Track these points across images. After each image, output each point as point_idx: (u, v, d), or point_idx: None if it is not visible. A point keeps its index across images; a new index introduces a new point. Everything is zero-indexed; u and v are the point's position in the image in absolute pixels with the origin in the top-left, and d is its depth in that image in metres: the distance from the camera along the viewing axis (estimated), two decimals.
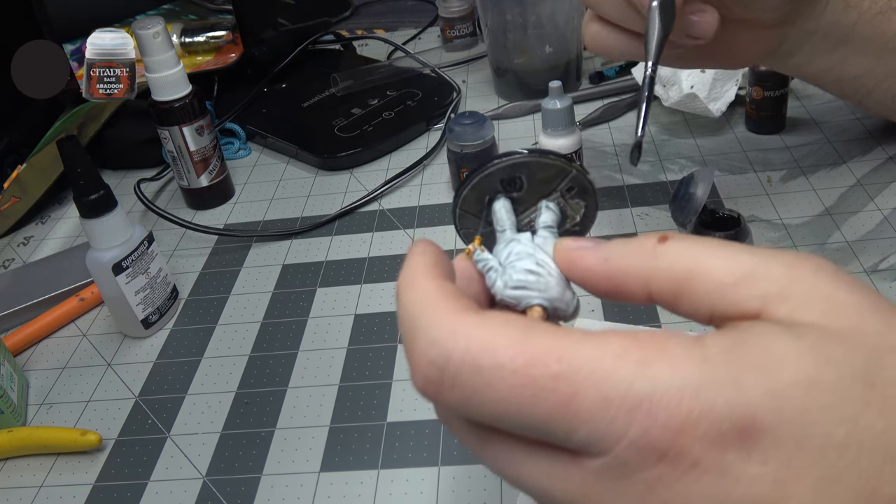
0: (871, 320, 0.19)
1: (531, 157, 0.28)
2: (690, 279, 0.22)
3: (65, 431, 0.52)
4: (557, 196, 0.29)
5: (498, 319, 0.21)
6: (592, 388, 0.19)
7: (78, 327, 0.64)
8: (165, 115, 0.70)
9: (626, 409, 0.19)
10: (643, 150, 0.39)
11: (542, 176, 0.29)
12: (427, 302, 0.22)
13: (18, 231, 0.79)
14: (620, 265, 0.23)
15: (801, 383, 0.18)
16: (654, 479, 0.19)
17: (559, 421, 0.20)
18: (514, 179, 0.29)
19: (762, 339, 0.19)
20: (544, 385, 0.20)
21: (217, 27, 0.96)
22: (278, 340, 0.58)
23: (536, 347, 0.20)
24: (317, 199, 0.75)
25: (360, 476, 0.47)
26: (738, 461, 0.18)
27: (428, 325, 0.22)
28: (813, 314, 0.20)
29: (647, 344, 0.20)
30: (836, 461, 0.18)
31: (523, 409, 0.20)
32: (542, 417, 0.20)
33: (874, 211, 0.61)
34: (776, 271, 0.21)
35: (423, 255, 0.24)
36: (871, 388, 0.18)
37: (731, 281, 0.21)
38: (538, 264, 0.26)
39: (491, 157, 0.29)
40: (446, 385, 0.21)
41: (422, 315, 0.22)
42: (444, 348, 0.21)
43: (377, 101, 0.85)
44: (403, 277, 0.24)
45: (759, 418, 0.18)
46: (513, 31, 0.81)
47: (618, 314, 0.55)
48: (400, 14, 1.15)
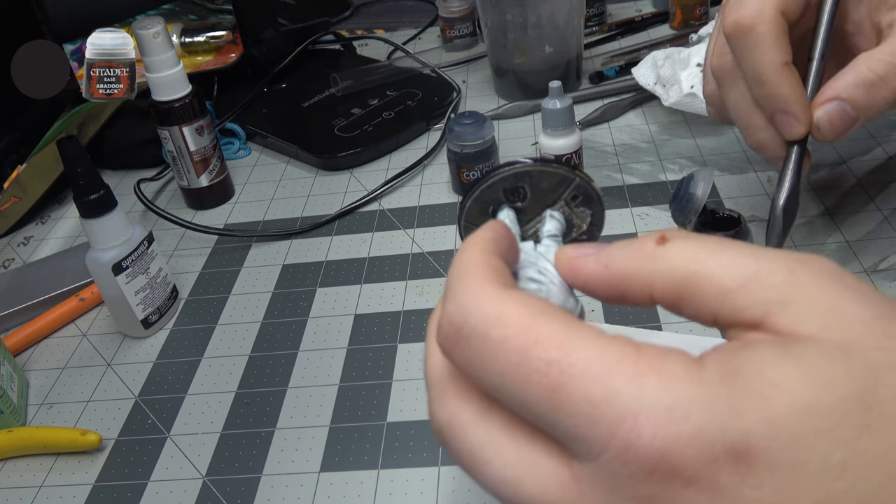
0: (871, 332, 0.19)
1: (533, 167, 0.28)
2: (691, 284, 0.22)
3: (65, 431, 0.52)
4: (562, 205, 0.29)
5: (518, 297, 0.22)
6: (580, 385, 0.20)
7: (78, 327, 0.64)
8: (165, 115, 0.70)
9: (610, 417, 0.19)
10: None
11: (546, 185, 0.29)
12: (468, 269, 0.23)
13: (18, 231, 0.79)
14: (621, 271, 0.23)
15: (797, 409, 0.18)
16: (646, 497, 0.19)
17: (546, 406, 0.20)
18: (517, 189, 0.29)
19: (760, 366, 0.19)
20: (538, 367, 0.20)
21: (217, 27, 0.96)
22: (278, 340, 0.58)
23: (542, 330, 0.21)
24: (317, 199, 0.75)
25: (360, 476, 0.47)
26: (733, 484, 0.18)
27: (459, 288, 0.23)
28: (814, 327, 0.20)
29: (647, 358, 0.20)
30: (832, 485, 0.18)
31: (518, 386, 0.21)
32: (532, 398, 0.20)
33: (874, 211, 0.61)
34: (778, 276, 0.21)
35: (487, 231, 0.26)
36: (869, 410, 0.18)
37: (733, 286, 0.21)
38: (540, 272, 0.26)
39: (494, 167, 0.29)
40: (459, 345, 0.22)
41: (459, 279, 0.23)
42: (464, 312, 0.22)
43: (377, 101, 0.85)
44: (463, 244, 0.25)
45: (752, 443, 0.18)
46: (513, 31, 0.81)
47: (617, 315, 0.55)
48: (400, 14, 1.15)
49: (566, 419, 0.20)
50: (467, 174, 0.69)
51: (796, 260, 0.21)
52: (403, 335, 0.57)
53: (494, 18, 0.82)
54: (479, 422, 0.23)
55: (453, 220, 0.68)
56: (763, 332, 0.20)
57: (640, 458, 0.19)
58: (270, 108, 0.89)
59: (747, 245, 0.22)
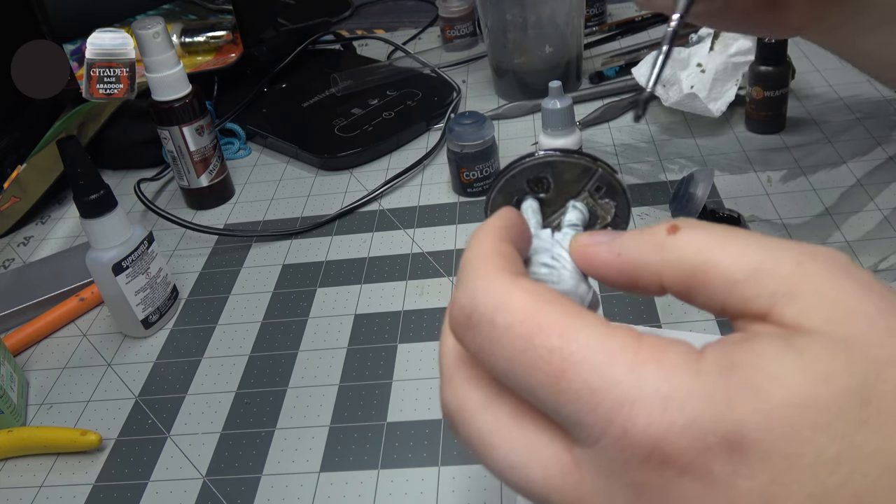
0: (875, 327, 0.19)
1: (556, 157, 0.29)
2: (700, 274, 0.22)
3: (65, 431, 0.52)
4: (586, 196, 0.30)
5: (524, 285, 0.22)
6: (581, 373, 0.20)
7: (78, 327, 0.64)
8: (165, 115, 0.70)
9: (608, 404, 0.20)
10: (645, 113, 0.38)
11: (569, 176, 0.29)
12: (479, 257, 0.24)
13: (18, 231, 0.79)
14: (633, 259, 0.24)
15: (794, 402, 0.18)
16: (642, 483, 0.19)
17: (548, 393, 0.21)
18: (540, 180, 0.29)
19: (759, 359, 0.19)
20: (541, 354, 0.21)
21: (217, 27, 0.96)
22: (278, 340, 0.58)
23: (546, 318, 0.21)
24: (317, 199, 0.75)
25: (360, 476, 0.47)
26: (726, 474, 0.18)
27: (471, 276, 0.23)
28: (818, 319, 0.20)
29: (647, 348, 0.20)
30: (827, 478, 0.18)
31: (523, 372, 0.21)
32: (536, 385, 0.21)
33: (874, 211, 0.61)
34: (785, 268, 0.21)
35: (499, 219, 0.26)
36: (867, 405, 0.18)
37: (741, 278, 0.21)
38: (553, 258, 0.26)
39: (518, 157, 0.29)
40: (469, 331, 0.23)
41: (470, 267, 0.24)
42: (473, 300, 0.23)
43: (377, 101, 0.85)
44: (474, 232, 0.26)
45: (746, 434, 0.18)
46: (513, 31, 0.81)
47: (617, 314, 0.55)
48: (400, 14, 1.15)
49: (567, 405, 0.20)
50: (467, 174, 0.69)
51: (804, 251, 0.21)
52: (403, 335, 0.57)
53: (494, 18, 0.82)
54: (487, 407, 0.23)
55: (453, 220, 0.68)
56: (769, 323, 0.20)
57: (635, 446, 0.19)
58: (270, 108, 0.89)
59: (756, 235, 0.22)
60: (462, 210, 0.70)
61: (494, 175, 0.32)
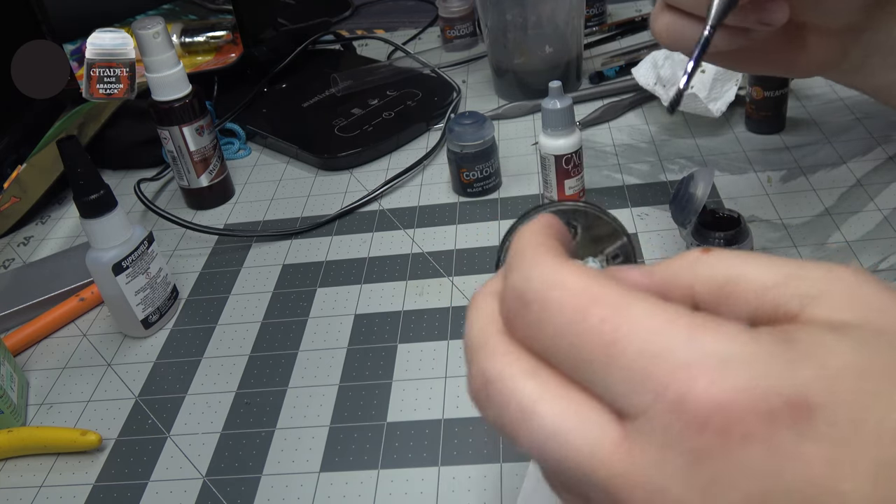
0: None
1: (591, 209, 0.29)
2: (731, 283, 0.22)
3: (65, 431, 0.52)
4: (602, 259, 0.30)
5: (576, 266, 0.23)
6: (634, 341, 0.20)
7: (78, 327, 0.64)
8: (165, 115, 0.70)
9: (664, 369, 0.19)
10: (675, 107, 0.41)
11: (598, 232, 0.30)
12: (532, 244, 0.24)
13: (18, 231, 0.79)
14: (665, 275, 0.24)
15: (853, 371, 0.18)
16: (700, 451, 0.18)
17: (599, 363, 0.20)
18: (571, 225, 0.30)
19: (809, 334, 0.20)
20: (593, 325, 0.20)
21: (217, 27, 0.96)
22: (278, 340, 0.58)
23: (598, 291, 0.21)
24: (317, 199, 0.75)
25: (360, 476, 0.47)
26: (791, 439, 0.18)
27: (521, 261, 0.24)
28: (851, 314, 0.20)
29: (702, 317, 0.20)
30: (889, 447, 0.18)
31: (573, 342, 0.21)
32: (586, 356, 0.21)
33: (874, 211, 0.61)
34: (815, 273, 0.21)
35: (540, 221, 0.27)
36: None
37: (771, 284, 0.21)
38: None
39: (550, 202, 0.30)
40: (521, 312, 0.22)
41: (520, 255, 0.24)
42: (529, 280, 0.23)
43: (377, 101, 0.85)
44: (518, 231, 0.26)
45: (811, 397, 0.18)
46: (513, 31, 0.81)
47: None
48: (400, 14, 1.15)
49: (619, 373, 0.20)
50: (467, 174, 0.69)
51: (832, 264, 0.22)
52: (403, 335, 0.57)
53: (494, 18, 0.82)
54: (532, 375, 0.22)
55: (453, 221, 0.68)
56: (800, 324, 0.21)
57: (693, 411, 0.18)
58: (270, 108, 0.89)
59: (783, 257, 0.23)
60: (462, 210, 0.70)
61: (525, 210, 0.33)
